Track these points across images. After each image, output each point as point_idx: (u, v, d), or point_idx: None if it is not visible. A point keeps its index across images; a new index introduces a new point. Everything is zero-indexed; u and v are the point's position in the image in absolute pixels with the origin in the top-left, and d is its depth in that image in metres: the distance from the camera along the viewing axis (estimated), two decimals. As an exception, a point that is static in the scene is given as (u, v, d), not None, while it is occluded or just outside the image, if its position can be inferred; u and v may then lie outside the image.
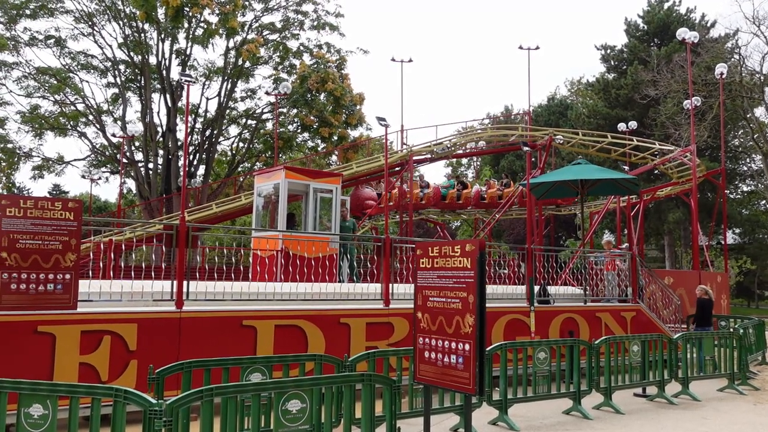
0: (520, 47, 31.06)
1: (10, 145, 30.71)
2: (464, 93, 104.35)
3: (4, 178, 30.65)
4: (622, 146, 24.12)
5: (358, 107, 31.39)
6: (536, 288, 11.87)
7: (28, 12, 29.80)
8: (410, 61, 32.44)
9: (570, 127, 37.26)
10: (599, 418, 8.62)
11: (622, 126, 27.42)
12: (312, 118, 30.43)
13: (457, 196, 25.21)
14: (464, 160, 55.67)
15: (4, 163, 30.02)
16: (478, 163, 49.58)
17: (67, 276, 7.58)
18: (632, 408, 9.36)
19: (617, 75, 43.53)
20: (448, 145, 25.78)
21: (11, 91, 30.62)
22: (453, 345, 5.63)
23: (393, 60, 32.41)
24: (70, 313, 7.55)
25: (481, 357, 5.39)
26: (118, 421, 4.43)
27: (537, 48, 31.06)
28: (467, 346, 5.49)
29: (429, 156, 24.99)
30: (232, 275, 10.27)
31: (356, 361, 6.92)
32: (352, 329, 9.47)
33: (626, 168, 23.39)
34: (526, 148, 13.68)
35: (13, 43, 29.60)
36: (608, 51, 44.90)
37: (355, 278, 13.13)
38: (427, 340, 5.94)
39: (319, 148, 33.54)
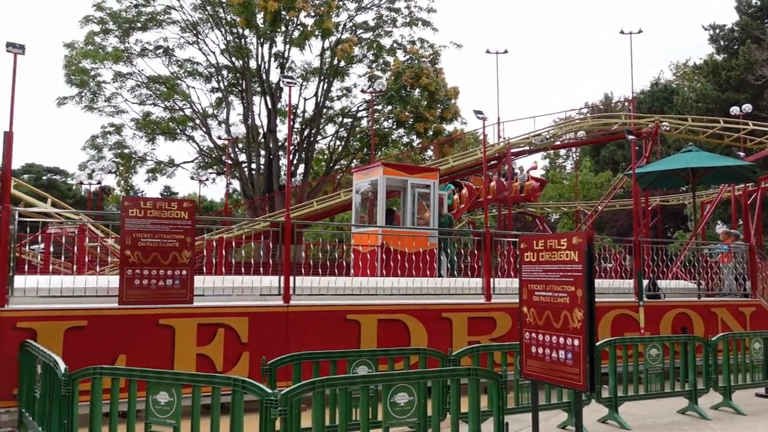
0: (621, 32, 29.83)
1: (126, 151, 32.79)
2: (561, 82, 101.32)
3: (122, 181, 32.80)
4: (736, 131, 22.68)
5: (452, 101, 31.24)
6: (645, 282, 11.38)
7: (139, 25, 31.69)
8: (505, 52, 31.89)
9: (676, 113, 35.40)
10: (718, 419, 8.17)
11: (734, 110, 25.73)
12: (407, 113, 30.58)
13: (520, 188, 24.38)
14: (562, 152, 54.12)
15: (122, 167, 32.10)
16: (578, 154, 48.10)
17: (184, 272, 8.02)
18: (755, 409, 8.80)
19: (728, 55, 40.89)
20: (547, 137, 25.19)
21: (126, 100, 32.69)
22: (561, 340, 5.51)
23: (488, 52, 31.97)
24: (187, 307, 7.99)
25: (591, 353, 5.25)
26: (237, 409, 4.64)
27: (639, 32, 29.73)
28: (576, 342, 5.36)
29: (527, 148, 24.52)
30: (336, 270, 10.51)
31: (460, 355, 6.91)
32: (453, 324, 9.46)
33: (741, 154, 21.98)
34: (631, 137, 13.12)
35: (126, 54, 31.57)
36: (717, 31, 42.26)
37: (455, 273, 13.09)
38: (533, 335, 5.84)
39: (414, 144, 33.67)
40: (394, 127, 32.85)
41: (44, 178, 48.91)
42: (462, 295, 10.28)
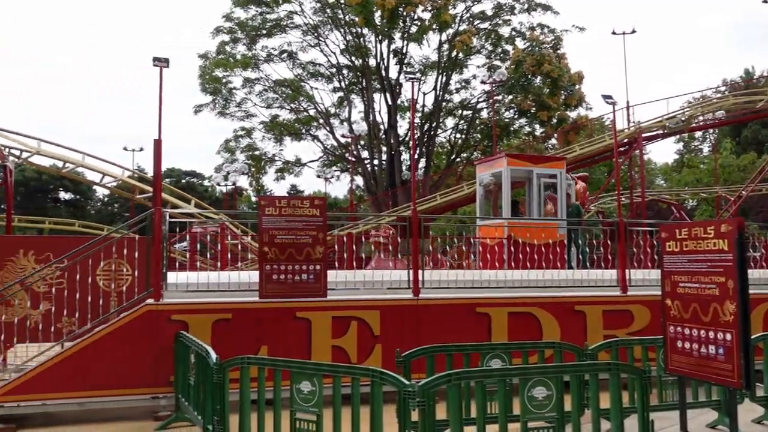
0: (764, 0, 27.41)
1: (257, 152, 34.50)
2: (694, 60, 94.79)
3: (254, 181, 34.58)
4: None
5: (577, 87, 30.16)
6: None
7: (264, 32, 33.18)
8: (633, 32, 30.25)
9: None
10: None
11: None
12: (529, 102, 29.88)
13: None
14: (698, 133, 50.67)
15: (253, 168, 33.85)
16: (715, 135, 44.84)
17: (317, 267, 8.34)
18: None
19: None
20: (682, 119, 23.66)
21: (255, 104, 34.36)
22: (711, 334, 5.18)
23: (614, 33, 30.47)
24: (322, 301, 8.30)
25: (746, 348, 4.90)
26: (376, 399, 4.76)
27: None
28: (728, 336, 5.02)
29: (660, 132, 23.18)
30: (463, 264, 10.50)
31: (597, 349, 6.67)
32: (588, 317, 9.15)
33: None
34: (780, 114, 12.04)
35: (254, 61, 33.17)
36: None
37: (587, 265, 12.65)
38: (679, 329, 5.54)
39: (537, 133, 32.85)
40: (516, 116, 32.21)
41: (183, 181, 52.45)
42: (595, 287, 9.91)
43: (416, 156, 33.39)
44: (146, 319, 7.81)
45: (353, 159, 31.79)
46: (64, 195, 54.02)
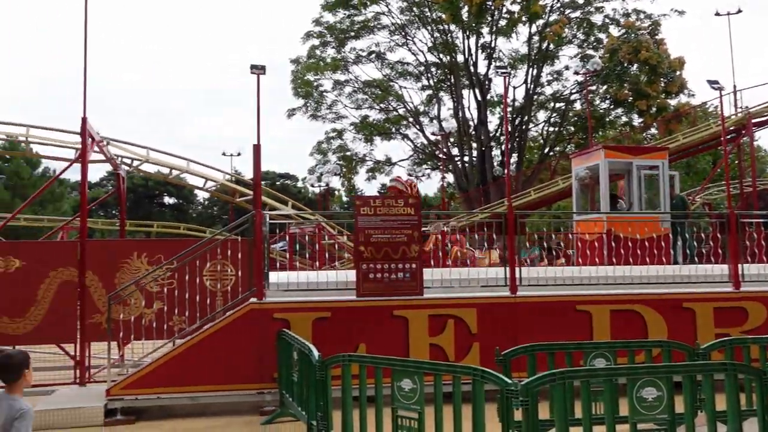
0: None
1: (348, 153, 35.07)
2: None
3: (346, 182, 35.19)
4: None
5: (677, 73, 28.72)
6: None
7: (352, 34, 33.67)
8: (738, 12, 28.49)
9: None
10: None
11: None
12: (626, 91, 28.74)
13: None
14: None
15: (345, 169, 34.45)
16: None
17: (413, 265, 8.37)
18: None
19: None
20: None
21: (345, 106, 34.94)
22: (840, 333, 4.80)
23: (717, 14, 28.83)
24: (419, 299, 8.34)
25: None
26: (478, 398, 4.73)
27: None
28: None
29: (772, 117, 21.69)
30: (563, 260, 10.23)
31: (710, 348, 6.32)
32: (697, 314, 8.70)
33: None
34: None
35: (343, 63, 33.74)
36: None
37: (695, 259, 12.03)
38: (803, 326, 5.16)
39: (635, 123, 31.54)
40: (612, 107, 31.07)
41: (277, 183, 54.07)
42: (705, 283, 9.40)
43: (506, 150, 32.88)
44: (250, 317, 8.12)
45: (444, 156, 31.68)
46: (168, 200, 57.05)
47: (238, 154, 38.70)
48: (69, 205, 41.42)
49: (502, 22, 30.79)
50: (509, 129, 32.65)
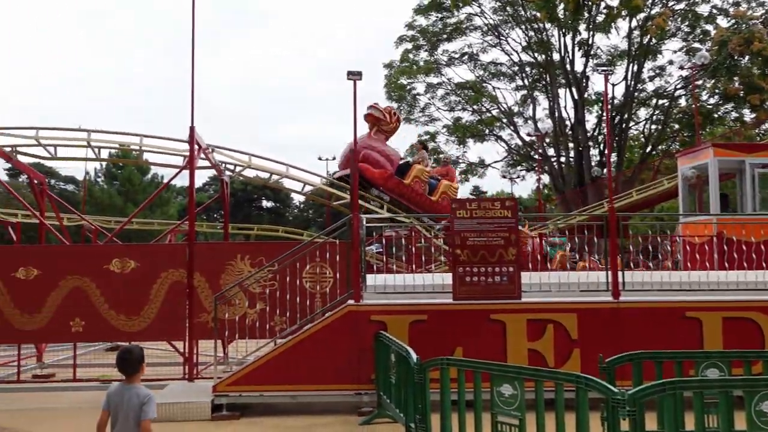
0: None
1: (441, 156, 35.02)
2: None
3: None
4: None
5: (794, 64, 26.72)
6: None
7: (445, 36, 33.59)
8: None
9: None
10: None
11: None
12: (736, 86, 27.06)
13: None
14: None
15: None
16: None
17: (511, 269, 8.26)
18: None
19: None
20: None
21: (438, 108, 34.89)
22: None
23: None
24: (516, 303, 8.21)
25: None
26: (582, 406, 4.59)
27: None
28: None
29: None
30: (668, 265, 9.77)
31: (837, 360, 5.86)
32: (823, 324, 8.07)
33: None
34: None
35: (436, 65, 33.72)
36: None
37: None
38: None
39: (746, 119, 29.65)
40: (721, 102, 29.34)
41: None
42: (830, 290, 8.72)
43: (607, 151, 31.78)
44: (348, 319, 8.27)
45: (539, 157, 31.01)
46: (266, 203, 59.04)
47: (333, 158, 39.46)
48: (175, 209, 43.71)
49: (600, 18, 29.76)
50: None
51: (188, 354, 9.83)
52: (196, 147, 10.37)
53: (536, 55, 32.36)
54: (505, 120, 34.12)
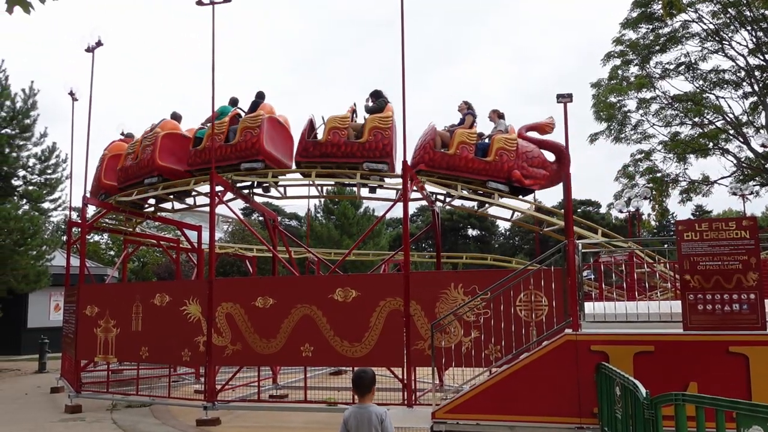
0: None
1: (658, 174, 32.65)
2: None
3: (656, 205, 32.69)
4: None
5: None
6: None
7: (657, 48, 31.51)
8: None
9: None
10: None
11: None
12: None
13: None
14: None
15: (654, 192, 32.04)
16: None
17: (752, 296, 7.40)
18: None
19: None
20: None
21: (653, 125, 32.68)
22: None
23: None
24: (761, 334, 7.31)
25: None
26: None
27: None
28: None
29: None
30: None
31: None
32: None
33: None
34: None
35: (648, 79, 31.71)
36: None
37: None
38: None
39: None
40: None
41: (579, 210, 52.64)
42: None
43: None
44: (566, 348, 7.97)
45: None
46: (471, 232, 59.46)
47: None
48: (386, 240, 45.78)
49: None
50: None
51: (407, 380, 10.15)
52: (409, 180, 10.82)
53: (767, 57, 29.06)
54: (732, 131, 30.95)
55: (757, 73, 30.29)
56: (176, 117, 15.01)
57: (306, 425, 10.57)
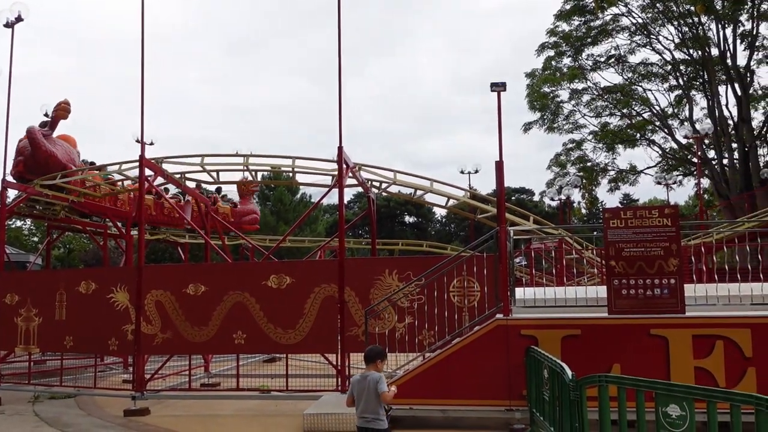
0: None
1: (588, 164, 33.63)
2: None
3: (586, 194, 33.70)
4: None
5: None
6: None
7: (589, 40, 32.33)
8: None
9: None
10: None
11: None
12: None
13: None
14: None
15: (585, 180, 33.03)
16: None
17: (672, 281, 7.71)
18: None
19: None
20: None
21: (584, 115, 33.59)
22: None
23: None
24: (679, 317, 7.63)
25: None
26: (762, 431, 4.16)
27: None
28: None
29: None
30: None
31: None
32: None
33: None
34: None
35: (580, 71, 32.53)
36: None
37: None
38: None
39: None
40: None
41: (513, 198, 53.76)
42: None
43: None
44: (497, 333, 8.13)
45: (698, 160, 28.84)
46: (408, 218, 59.90)
47: (476, 171, 39.38)
48: (323, 226, 45.59)
49: (765, 5, 27.28)
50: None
51: (340, 366, 10.14)
52: (344, 166, 10.74)
53: (691, 51, 30.25)
54: (658, 123, 32.15)
55: (682, 67, 31.49)
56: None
57: (238, 412, 10.42)
